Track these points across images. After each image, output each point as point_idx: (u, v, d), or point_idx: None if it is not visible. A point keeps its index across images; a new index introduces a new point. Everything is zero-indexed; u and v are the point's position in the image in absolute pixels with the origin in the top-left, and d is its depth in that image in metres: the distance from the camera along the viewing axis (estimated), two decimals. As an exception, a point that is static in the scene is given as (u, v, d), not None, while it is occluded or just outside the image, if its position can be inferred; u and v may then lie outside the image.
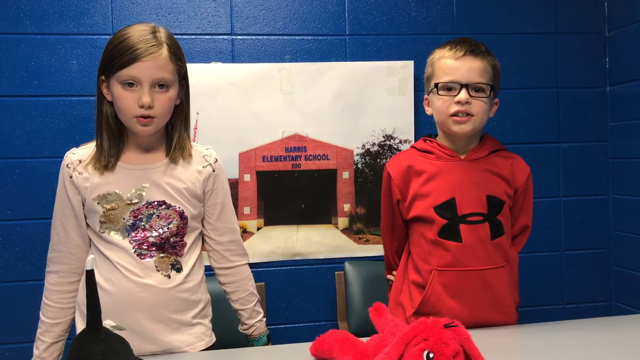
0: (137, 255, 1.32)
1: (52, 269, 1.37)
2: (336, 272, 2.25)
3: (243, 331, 1.48)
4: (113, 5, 2.17)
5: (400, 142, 2.32)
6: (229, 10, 2.25)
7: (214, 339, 1.43)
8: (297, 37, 2.29)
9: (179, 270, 1.35)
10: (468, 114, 1.37)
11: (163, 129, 1.36)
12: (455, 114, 1.38)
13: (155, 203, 1.33)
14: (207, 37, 2.23)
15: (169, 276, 1.34)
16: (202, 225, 1.43)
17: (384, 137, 2.32)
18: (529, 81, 2.43)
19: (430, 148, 1.46)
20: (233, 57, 2.25)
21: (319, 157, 2.29)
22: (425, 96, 1.49)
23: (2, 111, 2.12)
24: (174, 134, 1.36)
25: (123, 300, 1.30)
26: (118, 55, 1.25)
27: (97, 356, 0.99)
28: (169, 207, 1.34)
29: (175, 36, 1.35)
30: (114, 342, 1.04)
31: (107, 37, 2.17)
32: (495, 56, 2.47)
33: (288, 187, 2.28)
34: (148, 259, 1.32)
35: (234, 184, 2.24)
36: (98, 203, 1.31)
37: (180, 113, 1.37)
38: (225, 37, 2.25)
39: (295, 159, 2.28)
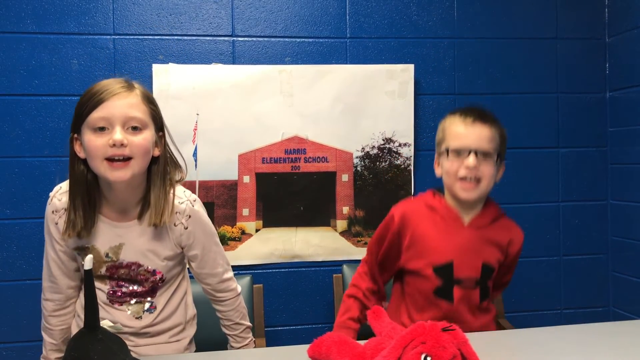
0: (110, 302, 1.35)
1: (49, 297, 1.38)
2: (334, 275, 2.25)
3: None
4: (114, 6, 2.18)
5: (400, 145, 2.32)
6: (230, 12, 2.26)
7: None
8: (298, 40, 2.29)
9: (151, 311, 1.37)
10: (476, 178, 1.44)
11: (142, 188, 1.28)
12: (463, 178, 1.45)
13: (130, 263, 1.32)
14: (208, 38, 2.24)
15: (140, 317, 1.36)
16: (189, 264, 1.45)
17: (383, 140, 2.32)
18: (529, 86, 2.44)
19: (437, 206, 1.52)
20: (234, 58, 2.25)
21: (319, 160, 2.29)
22: (436, 158, 1.57)
23: (2, 110, 2.11)
24: (150, 196, 1.26)
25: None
26: (87, 101, 1.19)
27: (94, 356, 0.99)
28: (143, 267, 1.33)
29: (176, 37, 1.33)
30: (112, 342, 1.04)
31: (108, 37, 2.17)
32: (495, 61, 2.49)
33: (287, 189, 2.28)
34: (120, 307, 1.35)
35: (233, 185, 2.24)
36: (78, 254, 1.32)
37: (158, 169, 1.28)
38: (226, 38, 2.25)
39: (295, 161, 2.28)
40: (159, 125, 1.29)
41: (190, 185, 2.18)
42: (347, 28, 2.32)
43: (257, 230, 2.27)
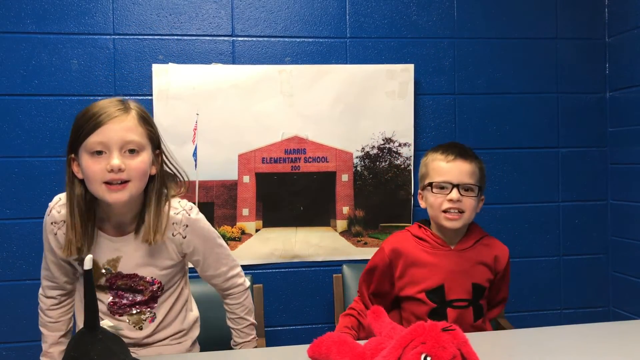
0: (110, 312, 1.36)
1: (49, 295, 1.40)
2: (334, 275, 2.24)
3: (233, 346, 1.52)
4: (114, 5, 2.17)
5: (400, 145, 2.32)
6: (230, 12, 2.25)
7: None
8: (298, 40, 2.29)
9: (152, 319, 1.38)
10: (459, 211, 1.54)
11: (138, 204, 1.30)
12: (447, 210, 1.54)
13: (128, 275, 1.33)
14: (208, 38, 2.24)
15: (140, 328, 1.37)
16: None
17: (383, 140, 2.32)
18: (528, 86, 2.44)
19: (424, 236, 1.62)
20: (234, 58, 2.25)
21: (319, 160, 2.29)
22: (420, 191, 1.66)
23: (2, 110, 2.11)
24: (147, 213, 1.28)
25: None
26: (84, 124, 1.21)
27: (94, 356, 0.99)
28: (141, 278, 1.35)
29: (176, 37, 1.33)
30: (111, 342, 1.04)
31: (108, 37, 2.17)
32: (496, 60, 2.49)
33: (287, 189, 2.28)
34: (120, 317, 1.36)
35: (233, 185, 2.24)
36: (78, 264, 1.34)
37: (154, 187, 1.30)
38: (226, 38, 2.25)
39: (295, 161, 2.28)
40: (156, 144, 1.31)
41: (190, 185, 2.18)
42: (347, 28, 2.32)
43: (257, 230, 2.27)
